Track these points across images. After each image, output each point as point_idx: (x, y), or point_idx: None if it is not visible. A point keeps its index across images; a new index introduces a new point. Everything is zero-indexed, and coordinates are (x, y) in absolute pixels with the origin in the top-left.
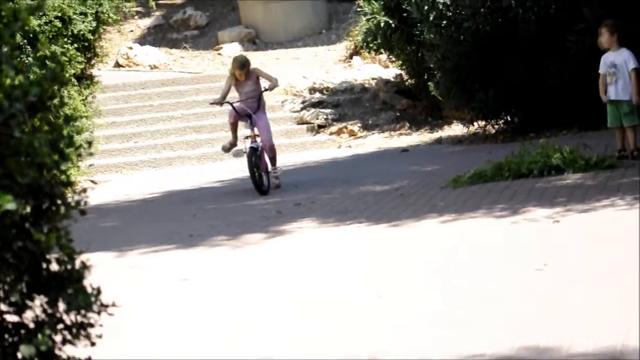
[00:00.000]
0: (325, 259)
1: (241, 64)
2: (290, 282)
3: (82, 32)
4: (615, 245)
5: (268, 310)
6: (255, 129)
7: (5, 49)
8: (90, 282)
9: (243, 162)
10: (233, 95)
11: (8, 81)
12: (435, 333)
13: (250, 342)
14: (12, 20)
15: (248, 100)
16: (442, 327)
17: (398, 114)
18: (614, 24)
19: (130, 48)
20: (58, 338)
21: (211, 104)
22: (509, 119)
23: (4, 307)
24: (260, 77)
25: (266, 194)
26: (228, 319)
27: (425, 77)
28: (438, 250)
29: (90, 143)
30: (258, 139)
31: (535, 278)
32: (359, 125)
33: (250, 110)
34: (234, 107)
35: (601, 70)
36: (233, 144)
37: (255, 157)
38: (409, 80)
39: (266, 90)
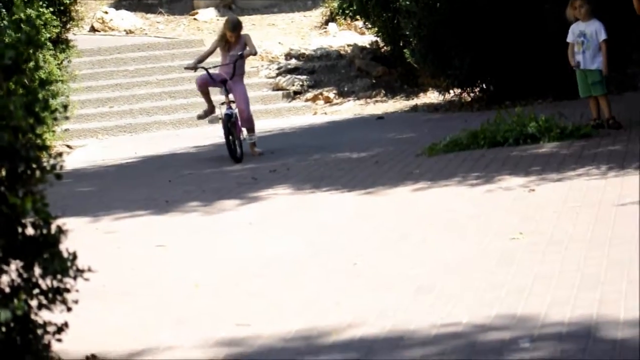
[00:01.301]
0: (301, 226)
1: (233, 25)
2: (264, 249)
3: None
4: (590, 214)
5: (242, 276)
6: (230, 95)
7: None
8: (66, 247)
9: (219, 128)
10: (212, 60)
11: None
12: (410, 301)
13: (225, 309)
14: None
15: (229, 65)
16: (417, 295)
17: (374, 81)
18: None
19: (106, 12)
20: (34, 303)
21: (185, 68)
22: (485, 87)
23: None
24: (247, 45)
25: (240, 161)
26: (203, 285)
27: (401, 44)
28: (413, 217)
29: (65, 107)
30: (233, 105)
31: (511, 247)
32: (335, 92)
33: (227, 76)
34: (209, 73)
35: (569, 39)
36: (209, 111)
37: (230, 124)
38: (385, 48)
39: (240, 56)
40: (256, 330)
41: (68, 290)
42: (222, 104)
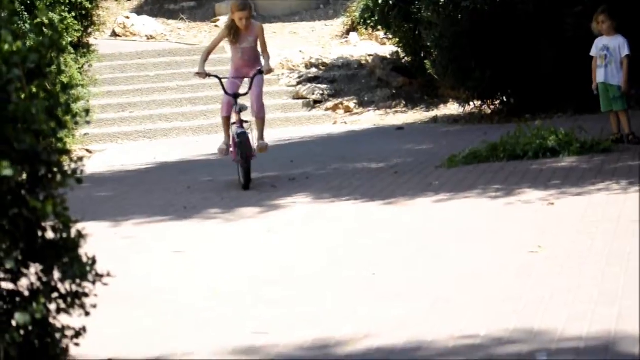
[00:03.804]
0: (319, 235)
1: (243, 3)
2: (283, 257)
3: (80, 1)
4: (609, 229)
5: (260, 284)
6: (241, 114)
7: (3, 14)
8: (85, 251)
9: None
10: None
11: (6, 47)
12: (428, 313)
13: (242, 316)
14: None
15: (244, 59)
16: (436, 307)
17: (394, 92)
18: (612, 11)
19: (127, 17)
20: (53, 307)
21: (196, 74)
22: (505, 100)
23: None
24: (259, 39)
25: (247, 189)
26: (221, 292)
27: (422, 55)
28: (432, 229)
29: (87, 111)
30: (245, 125)
31: (529, 260)
32: (355, 101)
33: (238, 89)
34: (222, 84)
35: (593, 53)
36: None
37: (243, 146)
38: (406, 58)
39: (259, 72)
40: (273, 338)
41: (87, 295)
42: (233, 123)
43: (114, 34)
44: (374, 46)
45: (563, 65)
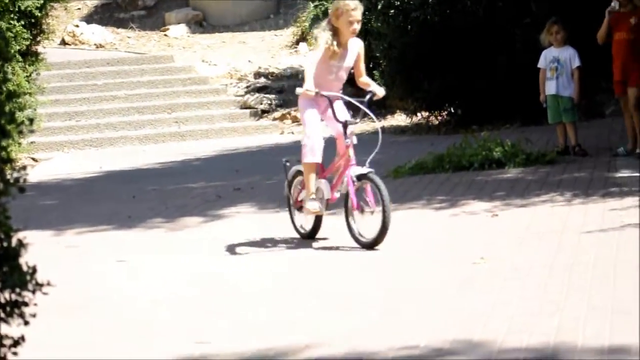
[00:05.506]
0: (262, 245)
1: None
2: (226, 267)
3: (29, 9)
4: (553, 240)
5: (203, 294)
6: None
7: None
8: (26, 260)
9: (184, 145)
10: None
11: None
12: (371, 324)
13: (185, 326)
14: None
15: (337, 78)
16: (377, 317)
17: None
18: (563, 22)
19: (77, 26)
20: None
21: (306, 91)
22: (453, 111)
23: None
24: (359, 60)
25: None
26: (162, 301)
27: (371, 65)
28: None
29: (31, 120)
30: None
31: (472, 272)
32: None
33: (344, 114)
34: (332, 106)
35: (541, 65)
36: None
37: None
38: None
39: (372, 96)
40: (215, 348)
41: (26, 304)
42: (338, 160)
43: (63, 43)
44: None
45: (510, 77)
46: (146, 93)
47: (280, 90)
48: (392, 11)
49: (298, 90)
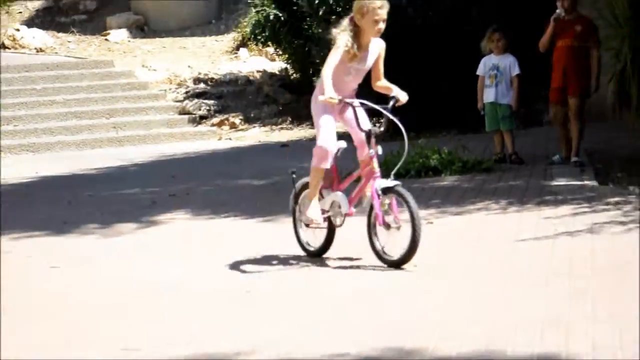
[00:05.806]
0: (196, 251)
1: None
2: (159, 273)
3: None
4: (486, 248)
5: (136, 300)
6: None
7: None
8: None
9: (122, 150)
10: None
11: None
12: (299, 331)
13: (115, 333)
14: None
15: (354, 81)
16: (306, 325)
17: (281, 108)
18: (504, 29)
19: (18, 30)
20: None
21: (329, 99)
22: None
23: None
24: (379, 60)
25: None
26: (94, 307)
27: (311, 72)
28: None
29: None
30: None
31: (404, 279)
32: (241, 117)
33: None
34: (355, 114)
35: (480, 72)
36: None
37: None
38: (295, 75)
39: (396, 101)
40: (145, 355)
41: None
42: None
43: (3, 46)
44: (263, 62)
45: (448, 85)
46: (85, 98)
47: (220, 96)
48: (333, 17)
49: (320, 97)
